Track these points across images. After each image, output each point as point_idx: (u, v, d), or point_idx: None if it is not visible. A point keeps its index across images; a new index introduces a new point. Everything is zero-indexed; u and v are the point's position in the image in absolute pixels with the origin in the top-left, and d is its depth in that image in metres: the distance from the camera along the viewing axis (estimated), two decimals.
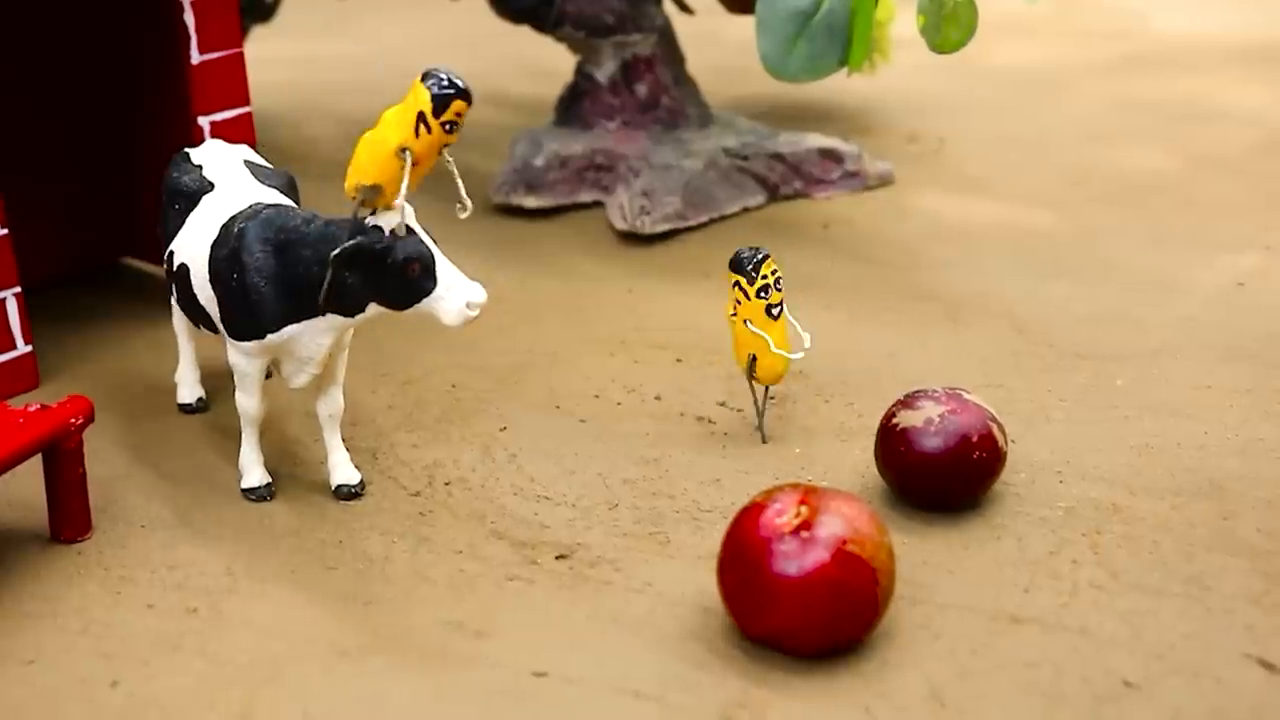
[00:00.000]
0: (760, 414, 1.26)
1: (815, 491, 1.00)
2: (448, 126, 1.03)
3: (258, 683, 0.99)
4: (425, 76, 1.03)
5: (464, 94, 1.03)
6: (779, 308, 1.22)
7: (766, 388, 1.27)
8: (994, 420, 1.14)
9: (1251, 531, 1.11)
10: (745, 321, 1.22)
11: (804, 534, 0.97)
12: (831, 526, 0.97)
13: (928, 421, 1.13)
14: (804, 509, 0.98)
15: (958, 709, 0.94)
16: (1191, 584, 1.05)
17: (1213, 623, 1.01)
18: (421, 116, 1.02)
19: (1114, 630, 1.00)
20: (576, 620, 1.04)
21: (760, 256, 1.20)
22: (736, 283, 1.21)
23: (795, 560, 0.96)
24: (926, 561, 1.09)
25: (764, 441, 1.25)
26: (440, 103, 1.03)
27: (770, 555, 0.96)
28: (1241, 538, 1.10)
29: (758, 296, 1.21)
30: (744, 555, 0.98)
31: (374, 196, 1.04)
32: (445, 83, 1.03)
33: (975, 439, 1.12)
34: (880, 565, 0.97)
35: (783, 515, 0.98)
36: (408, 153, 1.03)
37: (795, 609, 0.96)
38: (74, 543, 1.15)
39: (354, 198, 1.05)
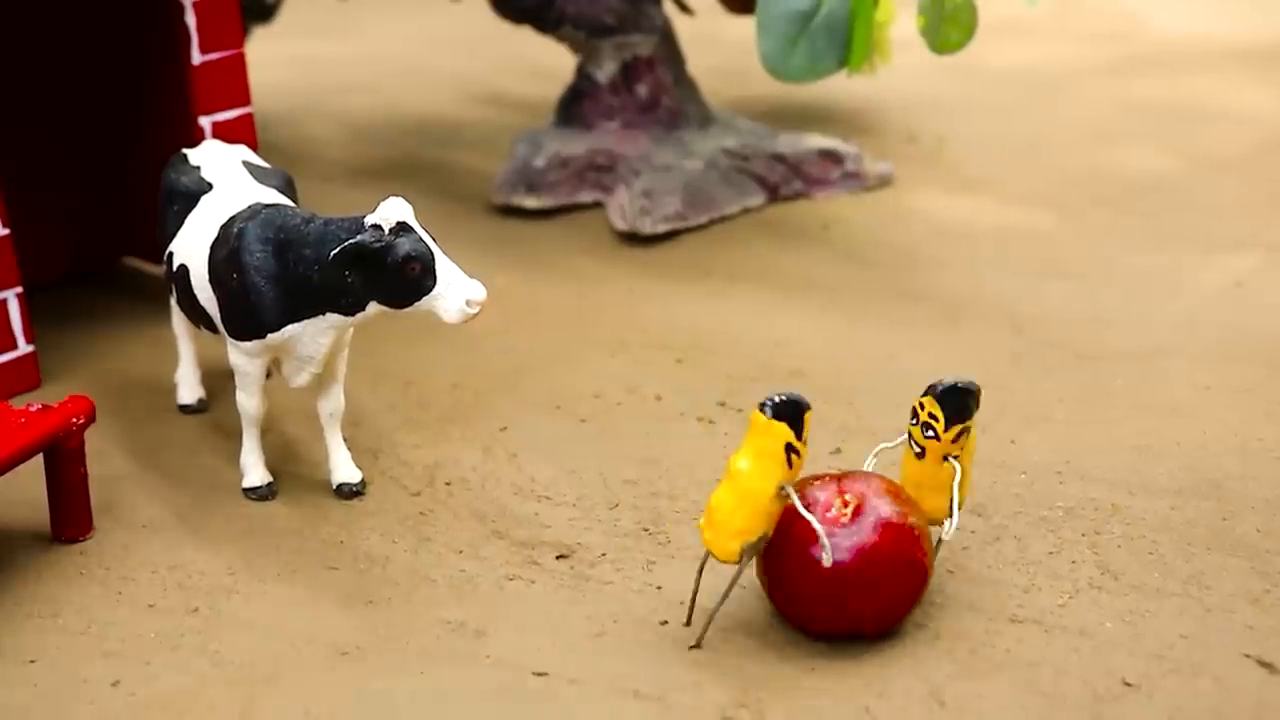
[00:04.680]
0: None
1: (842, 478, 1.01)
2: (805, 442, 0.97)
3: (258, 682, 0.99)
4: (764, 406, 0.95)
5: (805, 404, 0.96)
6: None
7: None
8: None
9: (1251, 531, 1.11)
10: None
11: (859, 520, 0.98)
12: (881, 508, 0.98)
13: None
14: (847, 496, 0.99)
15: (957, 709, 0.94)
16: (1191, 584, 1.05)
17: (1212, 622, 1.01)
18: (789, 448, 0.96)
19: (1114, 630, 1.00)
20: (576, 620, 1.04)
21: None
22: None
23: (856, 546, 0.97)
24: None
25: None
26: (797, 423, 0.96)
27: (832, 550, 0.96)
28: (1241, 537, 1.10)
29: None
30: (801, 556, 0.97)
31: (762, 544, 0.98)
32: (780, 401, 0.96)
33: None
34: (924, 530, 1.00)
35: (830, 509, 0.98)
36: (790, 488, 0.96)
37: (877, 591, 0.97)
38: (75, 542, 1.15)
39: (741, 559, 0.97)
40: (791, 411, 0.95)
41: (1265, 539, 1.10)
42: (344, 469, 1.21)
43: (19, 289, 1.37)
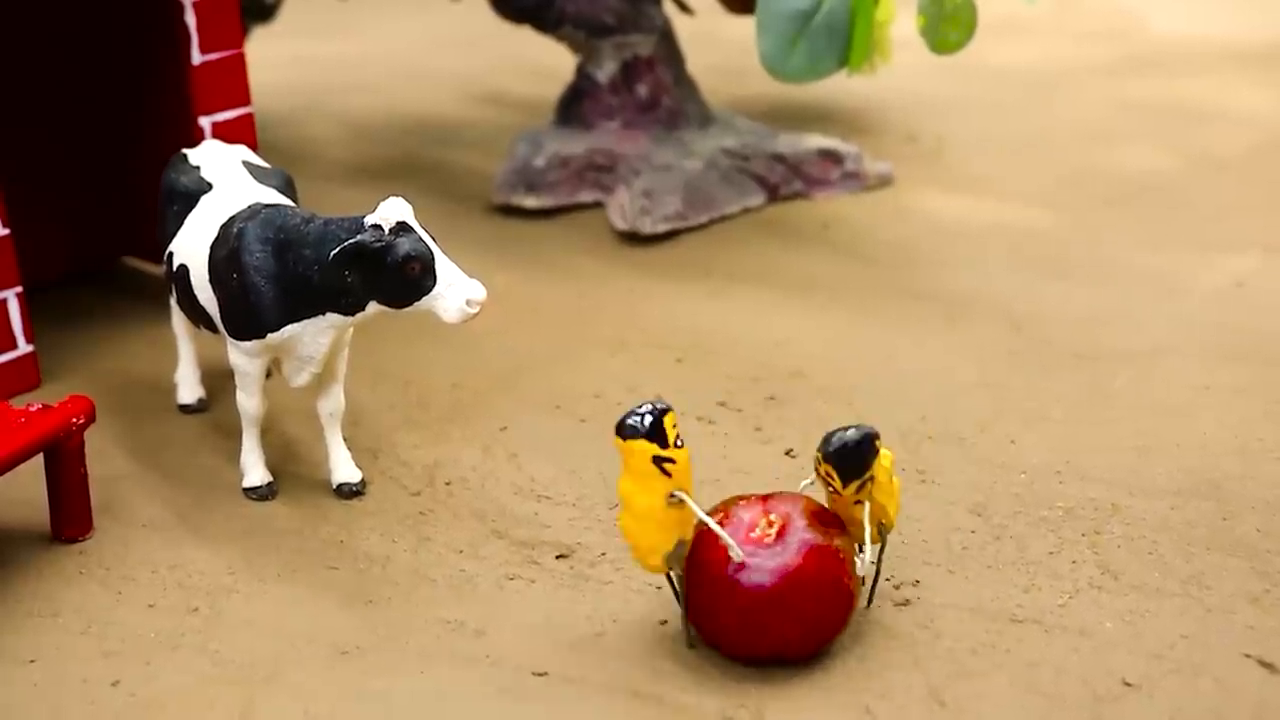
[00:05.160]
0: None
1: (768, 499, 1.00)
2: (680, 442, 0.95)
3: (258, 682, 0.99)
4: (620, 429, 0.95)
5: (660, 409, 0.95)
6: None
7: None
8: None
9: (1251, 531, 1.11)
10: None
11: (783, 541, 0.96)
12: (801, 530, 0.97)
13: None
14: (772, 517, 0.98)
15: (957, 709, 0.94)
16: (1191, 584, 1.05)
17: (1212, 622, 1.01)
18: (658, 460, 0.94)
19: (1114, 630, 1.00)
20: (576, 620, 1.04)
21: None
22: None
23: (779, 568, 0.95)
24: (927, 561, 1.09)
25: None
26: (657, 434, 0.94)
27: (753, 570, 0.95)
28: (1241, 537, 1.10)
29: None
30: (721, 579, 0.96)
31: (684, 549, 0.97)
32: (631, 421, 0.95)
33: None
34: (849, 553, 0.98)
35: (754, 529, 0.97)
36: (679, 493, 0.95)
37: (800, 614, 0.96)
38: (75, 542, 1.15)
39: (671, 570, 0.97)
40: (646, 427, 0.94)
41: (1265, 539, 1.10)
42: (344, 469, 1.21)
43: (19, 289, 1.37)
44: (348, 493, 1.20)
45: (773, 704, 0.95)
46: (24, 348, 1.39)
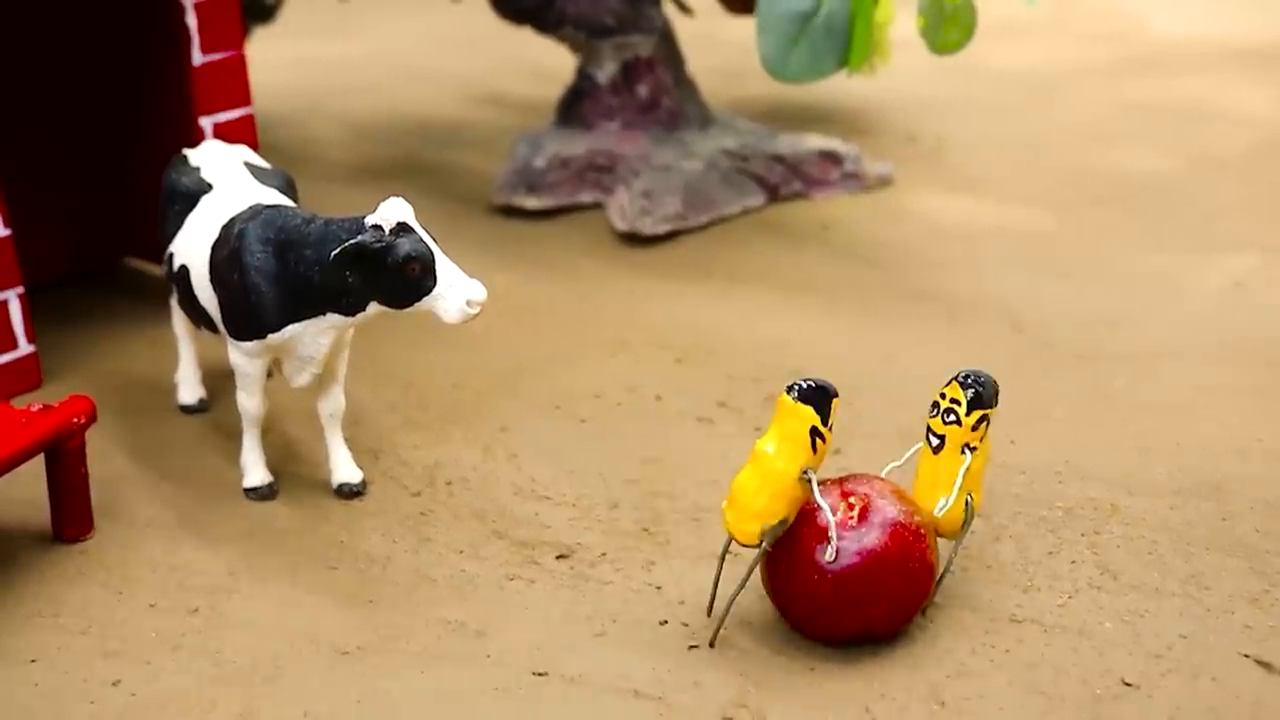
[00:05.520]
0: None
1: (844, 481, 1.01)
2: (830, 428, 0.97)
3: (258, 682, 0.99)
4: (791, 388, 0.96)
5: (833, 391, 0.97)
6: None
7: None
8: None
9: (1250, 531, 1.11)
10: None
11: (867, 521, 0.98)
12: (886, 509, 0.98)
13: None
14: (852, 500, 0.99)
15: (957, 709, 0.94)
16: (1190, 584, 1.05)
17: (1211, 622, 1.01)
18: (813, 431, 0.96)
19: (1113, 630, 1.00)
20: (576, 620, 1.04)
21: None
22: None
23: (864, 548, 0.97)
24: None
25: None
26: (823, 408, 0.96)
27: (839, 552, 0.97)
28: (1240, 538, 1.11)
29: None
30: (809, 562, 0.97)
31: (781, 530, 0.97)
32: (808, 386, 0.96)
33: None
34: (930, 528, 1.00)
35: (835, 513, 0.98)
36: (812, 472, 0.96)
37: (888, 591, 0.97)
38: (76, 542, 1.16)
39: (763, 543, 0.97)
40: (818, 397, 0.96)
41: (1264, 539, 1.10)
42: (344, 469, 1.21)
43: (20, 289, 1.37)
44: (348, 493, 1.21)
45: (773, 704, 0.95)
46: (25, 348, 1.39)
